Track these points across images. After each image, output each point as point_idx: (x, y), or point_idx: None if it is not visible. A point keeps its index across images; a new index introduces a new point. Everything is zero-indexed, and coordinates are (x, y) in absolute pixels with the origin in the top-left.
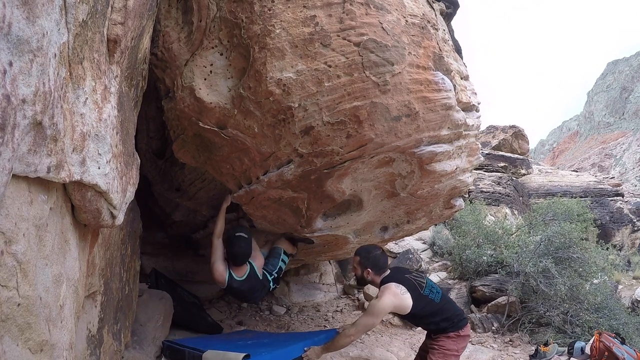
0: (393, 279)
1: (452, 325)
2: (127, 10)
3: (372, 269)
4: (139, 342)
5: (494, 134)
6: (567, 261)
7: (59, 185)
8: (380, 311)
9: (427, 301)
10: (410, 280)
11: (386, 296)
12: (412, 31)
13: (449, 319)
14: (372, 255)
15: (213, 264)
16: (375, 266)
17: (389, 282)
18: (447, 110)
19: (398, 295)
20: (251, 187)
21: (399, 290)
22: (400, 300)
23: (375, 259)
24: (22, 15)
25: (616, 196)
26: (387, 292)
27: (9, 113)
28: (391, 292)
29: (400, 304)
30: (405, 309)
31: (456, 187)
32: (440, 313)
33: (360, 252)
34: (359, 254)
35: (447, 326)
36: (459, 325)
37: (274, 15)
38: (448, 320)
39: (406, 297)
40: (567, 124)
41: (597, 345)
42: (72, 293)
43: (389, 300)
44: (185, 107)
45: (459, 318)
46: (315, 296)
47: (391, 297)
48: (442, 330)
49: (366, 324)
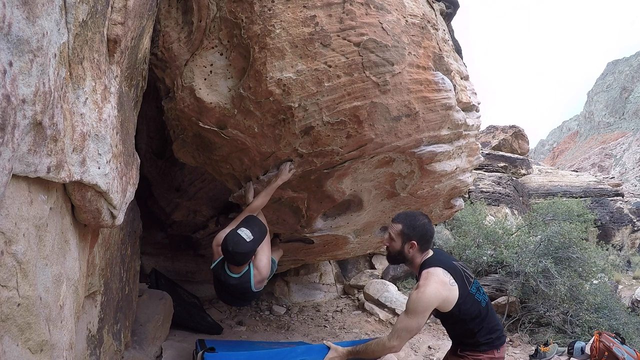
0: (439, 262)
1: (490, 342)
2: (127, 10)
3: (418, 242)
4: (139, 342)
5: (494, 134)
6: (567, 261)
7: (59, 185)
8: (425, 307)
9: (473, 301)
10: (459, 270)
11: (431, 285)
12: (412, 31)
13: (490, 331)
14: (420, 224)
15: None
16: (422, 239)
17: (434, 267)
18: (447, 110)
19: (446, 285)
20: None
21: (447, 279)
22: (449, 292)
23: (424, 229)
24: (22, 15)
25: (616, 196)
26: (433, 280)
27: (9, 113)
28: (438, 279)
29: (448, 298)
30: (449, 306)
31: (456, 187)
32: (482, 321)
33: (402, 218)
34: (402, 221)
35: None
36: (496, 343)
37: (274, 15)
38: (488, 334)
39: (454, 290)
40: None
41: (597, 345)
42: (72, 293)
43: (435, 291)
44: (185, 107)
45: (498, 334)
46: (315, 296)
47: (438, 286)
48: (474, 346)
49: (409, 328)
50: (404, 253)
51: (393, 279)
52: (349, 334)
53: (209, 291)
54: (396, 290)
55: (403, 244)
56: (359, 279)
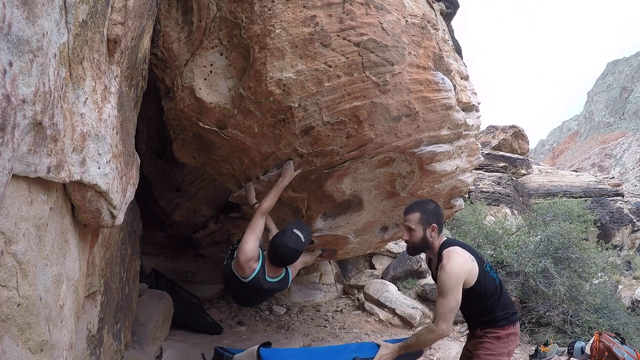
0: (456, 243)
1: (507, 317)
2: (127, 10)
3: (437, 223)
4: (139, 342)
5: (494, 134)
6: (567, 261)
7: (59, 185)
8: (457, 282)
9: (489, 278)
10: (473, 250)
11: (456, 260)
12: (412, 31)
13: (506, 307)
14: (433, 208)
15: (246, 244)
16: (439, 220)
17: (452, 246)
18: (447, 110)
19: (468, 260)
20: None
21: (468, 255)
22: (472, 266)
23: (438, 211)
24: (22, 15)
25: (616, 196)
26: (455, 256)
27: (9, 113)
28: (460, 255)
29: (472, 271)
30: (472, 279)
31: (456, 187)
32: (499, 297)
33: (416, 207)
34: (417, 209)
35: (502, 317)
36: (512, 318)
37: (274, 15)
38: (505, 309)
39: (475, 265)
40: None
41: (597, 345)
42: (72, 293)
43: (460, 265)
44: (185, 107)
45: (513, 310)
46: (315, 296)
47: (462, 260)
48: (494, 322)
49: (450, 308)
50: (427, 239)
51: (393, 279)
52: (349, 334)
53: (209, 291)
54: (396, 290)
55: (425, 230)
56: (359, 279)
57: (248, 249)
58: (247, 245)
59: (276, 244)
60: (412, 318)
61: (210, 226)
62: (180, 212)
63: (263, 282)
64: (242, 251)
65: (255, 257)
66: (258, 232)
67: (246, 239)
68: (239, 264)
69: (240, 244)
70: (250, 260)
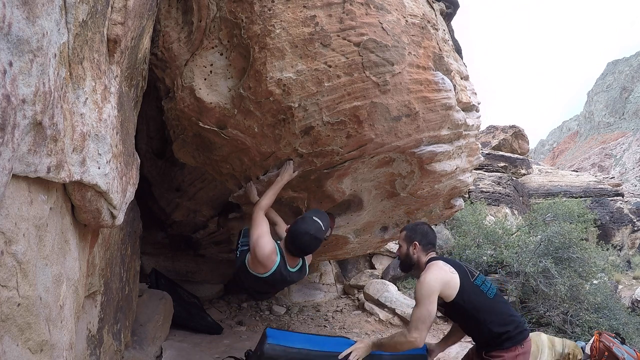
0: (440, 258)
1: (511, 337)
2: (127, 10)
3: (419, 242)
4: (139, 342)
5: (494, 134)
6: (567, 261)
7: (59, 185)
8: (429, 292)
9: (477, 291)
10: (459, 263)
11: (431, 272)
12: (412, 31)
13: (504, 323)
14: (420, 228)
15: (261, 238)
16: (424, 239)
17: (435, 261)
18: (447, 110)
19: (446, 272)
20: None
21: (447, 268)
22: (450, 277)
23: (424, 231)
24: (22, 15)
25: (616, 196)
26: (432, 269)
27: (9, 113)
28: (437, 267)
29: (449, 283)
30: (452, 291)
31: (456, 187)
32: (494, 312)
33: (406, 227)
34: (405, 228)
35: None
36: (519, 337)
37: (274, 15)
38: (503, 325)
39: (455, 277)
40: (567, 124)
41: (597, 345)
42: (72, 293)
43: (434, 276)
44: (185, 107)
45: (516, 325)
46: (315, 296)
47: (438, 272)
48: (497, 344)
49: (421, 317)
50: (410, 255)
51: (393, 279)
52: (349, 334)
53: (209, 291)
54: (396, 290)
55: (408, 247)
56: (359, 279)
57: (265, 242)
58: (263, 240)
59: (298, 232)
60: None
61: (210, 226)
62: (180, 212)
63: (286, 274)
64: (259, 247)
65: (274, 249)
66: (265, 225)
67: (258, 232)
68: (258, 260)
69: (254, 240)
70: (272, 254)
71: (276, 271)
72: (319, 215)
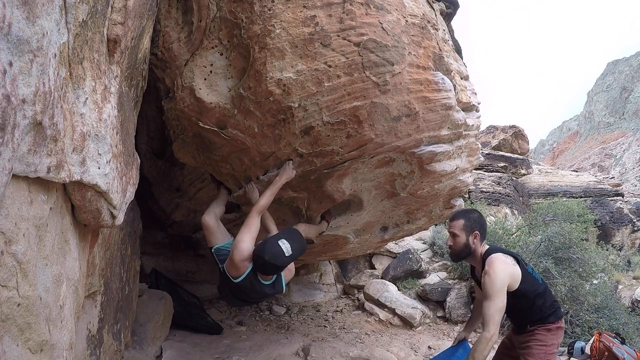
0: (497, 250)
1: (553, 313)
2: (127, 10)
3: (480, 231)
4: (139, 342)
5: (494, 134)
6: (567, 261)
7: (59, 185)
8: (502, 285)
9: (533, 279)
10: (515, 255)
11: (498, 265)
12: (412, 31)
13: (552, 305)
14: (476, 217)
15: (242, 242)
16: (482, 228)
17: (494, 253)
18: (447, 110)
19: (510, 264)
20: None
21: (509, 260)
22: (514, 269)
23: (481, 221)
24: (22, 15)
25: (616, 196)
26: (497, 262)
27: (9, 113)
28: (501, 260)
29: (514, 274)
30: (516, 282)
31: (456, 187)
32: (544, 295)
33: (460, 215)
34: (462, 216)
35: (550, 314)
36: (558, 313)
37: (274, 15)
38: (551, 307)
39: (517, 268)
40: (567, 124)
41: (597, 345)
42: (72, 293)
43: (502, 269)
44: (185, 107)
45: (558, 306)
46: (315, 296)
47: (504, 265)
48: (543, 319)
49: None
50: (469, 245)
51: (393, 279)
52: (349, 334)
53: (209, 291)
54: (396, 290)
55: (467, 236)
56: (359, 279)
57: (244, 247)
58: (242, 244)
59: (256, 254)
60: (412, 318)
61: None
62: (180, 212)
63: (256, 284)
64: (237, 249)
65: (249, 256)
66: (254, 230)
67: (242, 237)
68: (233, 262)
69: (235, 242)
70: (245, 260)
71: (246, 278)
72: (290, 236)
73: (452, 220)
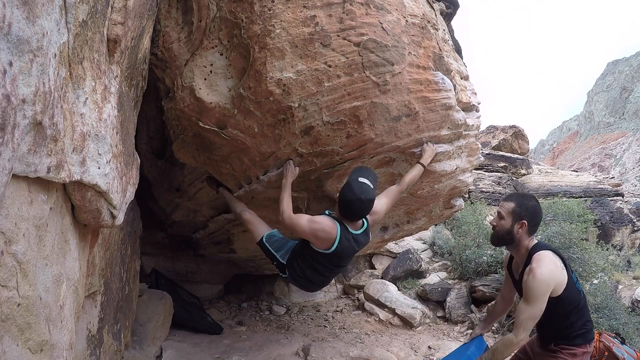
0: (548, 247)
1: (583, 335)
2: (127, 10)
3: (529, 222)
4: (139, 342)
5: (494, 134)
6: (568, 262)
7: (59, 185)
8: (545, 290)
9: (575, 290)
10: (563, 257)
11: (547, 266)
12: (412, 31)
13: (585, 324)
14: (532, 205)
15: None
16: (533, 219)
17: (544, 250)
18: (447, 110)
19: (557, 266)
20: (251, 187)
21: (558, 262)
22: (561, 274)
23: (535, 210)
24: (22, 15)
25: (616, 196)
26: (546, 262)
27: (9, 113)
28: (551, 261)
29: (560, 279)
30: (560, 288)
31: (456, 187)
32: (581, 311)
33: (514, 198)
34: (515, 200)
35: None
36: (589, 337)
37: (274, 15)
38: (584, 326)
39: (564, 273)
40: (567, 124)
41: (597, 345)
42: (72, 293)
43: (551, 272)
44: (185, 107)
45: (590, 326)
46: (315, 296)
47: (553, 267)
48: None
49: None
50: (512, 233)
51: (393, 279)
52: (349, 334)
53: (209, 291)
54: (396, 290)
55: (513, 223)
56: (359, 279)
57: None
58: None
59: (347, 201)
60: (412, 318)
61: (210, 226)
62: (180, 212)
63: (351, 238)
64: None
65: (330, 221)
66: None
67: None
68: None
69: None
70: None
71: (342, 238)
72: (363, 173)
73: (504, 199)
